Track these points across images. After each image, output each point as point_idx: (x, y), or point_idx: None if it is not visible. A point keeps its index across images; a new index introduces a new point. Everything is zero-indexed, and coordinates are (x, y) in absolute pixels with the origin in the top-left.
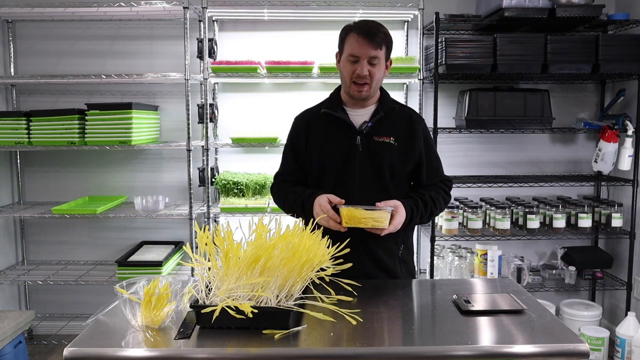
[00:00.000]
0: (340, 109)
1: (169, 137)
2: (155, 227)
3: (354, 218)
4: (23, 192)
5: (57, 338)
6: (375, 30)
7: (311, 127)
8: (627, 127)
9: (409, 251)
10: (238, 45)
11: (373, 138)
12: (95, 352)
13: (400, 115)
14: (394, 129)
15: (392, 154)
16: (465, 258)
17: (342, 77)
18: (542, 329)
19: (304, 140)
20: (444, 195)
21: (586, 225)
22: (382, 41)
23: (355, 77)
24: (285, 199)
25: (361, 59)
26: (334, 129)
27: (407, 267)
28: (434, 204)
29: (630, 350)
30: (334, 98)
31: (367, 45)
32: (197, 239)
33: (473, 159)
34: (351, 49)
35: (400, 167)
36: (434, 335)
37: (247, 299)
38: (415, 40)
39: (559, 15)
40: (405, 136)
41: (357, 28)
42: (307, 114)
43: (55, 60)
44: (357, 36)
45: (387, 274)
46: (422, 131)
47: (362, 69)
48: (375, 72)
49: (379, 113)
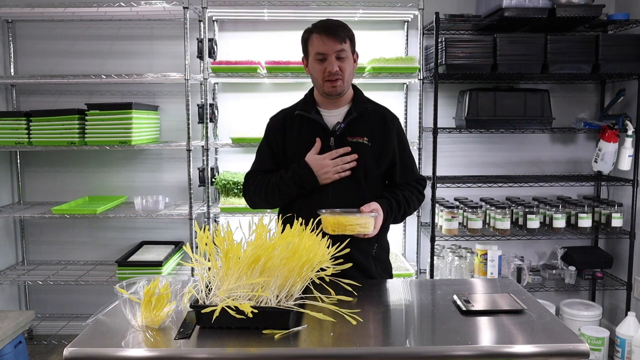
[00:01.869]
0: (314, 110)
1: (169, 137)
2: (155, 227)
3: (340, 225)
4: (23, 192)
5: (57, 338)
6: (335, 25)
7: (286, 128)
8: (627, 127)
9: (384, 249)
10: (238, 45)
11: (347, 138)
12: (95, 352)
13: (374, 115)
14: (367, 129)
15: (366, 154)
16: (465, 258)
17: (313, 79)
18: (542, 329)
19: (281, 140)
20: (417, 195)
21: (586, 225)
22: (345, 35)
23: (326, 75)
24: (263, 185)
25: (328, 55)
26: (307, 130)
27: (383, 265)
28: (407, 204)
29: (631, 350)
30: (307, 99)
31: (331, 41)
32: (197, 239)
33: (473, 159)
34: (316, 48)
35: (374, 167)
36: (434, 335)
37: (247, 299)
38: (415, 40)
39: (559, 15)
40: (378, 136)
41: (318, 27)
42: (281, 115)
43: (55, 60)
44: (320, 35)
45: (361, 273)
46: (395, 130)
47: (331, 66)
48: (345, 66)
49: (352, 113)
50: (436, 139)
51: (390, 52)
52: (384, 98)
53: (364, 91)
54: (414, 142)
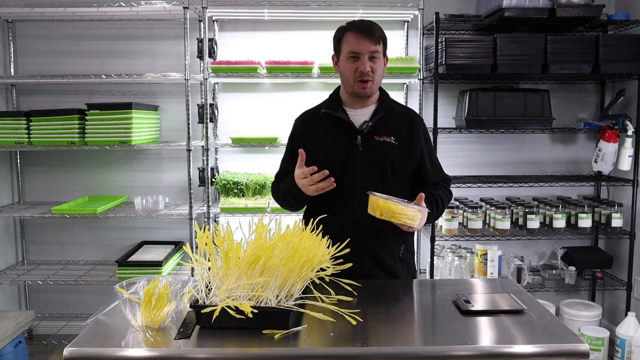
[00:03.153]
0: (340, 109)
1: (169, 137)
2: (155, 227)
3: (389, 211)
4: (23, 192)
5: (57, 338)
6: (371, 26)
7: (311, 128)
8: (627, 127)
9: (410, 252)
10: (238, 45)
11: (374, 137)
12: (95, 352)
13: (401, 116)
14: (394, 129)
15: (393, 153)
16: (465, 258)
17: (343, 78)
18: (542, 329)
19: (302, 142)
20: (448, 195)
21: (586, 225)
22: (379, 36)
23: (358, 74)
24: (278, 192)
25: (362, 55)
26: (334, 129)
27: (408, 267)
28: (442, 204)
29: (631, 350)
30: (333, 98)
31: (366, 41)
32: (197, 239)
33: (473, 159)
34: (351, 46)
35: (401, 166)
36: (434, 335)
37: (247, 299)
38: (415, 40)
39: (559, 15)
40: (405, 136)
41: (354, 26)
42: (306, 115)
43: (55, 60)
44: (356, 34)
45: (388, 274)
46: (422, 132)
47: (364, 66)
48: (376, 67)
49: (379, 113)
50: (436, 139)
51: (390, 52)
52: None
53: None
54: None
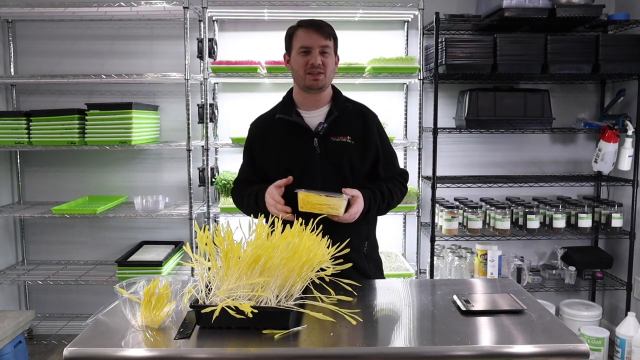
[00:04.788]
0: (295, 113)
1: (169, 137)
2: (155, 227)
3: (309, 203)
4: (23, 192)
5: (57, 338)
6: (322, 23)
7: (267, 134)
8: (627, 127)
9: (374, 247)
10: (238, 45)
11: (330, 138)
12: (95, 352)
13: (354, 113)
14: (349, 128)
15: (350, 152)
16: (465, 258)
17: (295, 73)
18: (542, 329)
19: (260, 147)
20: (400, 187)
21: (586, 225)
22: (330, 33)
23: (309, 67)
24: (242, 198)
25: (313, 49)
26: (290, 133)
27: (375, 262)
28: (391, 195)
29: (631, 350)
30: (286, 102)
31: (316, 35)
32: (197, 239)
33: (473, 159)
34: (301, 41)
35: (359, 164)
36: (434, 335)
37: (247, 299)
38: (415, 40)
39: (559, 15)
40: (360, 134)
41: (305, 23)
42: (261, 120)
43: (55, 60)
44: (306, 29)
45: (356, 271)
46: (376, 127)
47: (315, 59)
48: (327, 62)
49: (333, 113)
50: (436, 139)
51: (391, 52)
52: (384, 98)
53: (364, 91)
54: (414, 142)
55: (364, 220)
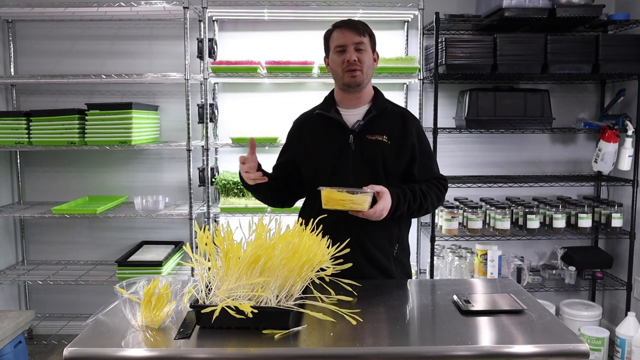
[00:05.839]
0: (334, 110)
1: (169, 137)
2: (155, 227)
3: (332, 200)
4: (23, 192)
5: (57, 338)
6: (356, 22)
7: (305, 129)
8: (627, 127)
9: (405, 251)
10: (238, 45)
11: (366, 136)
12: (95, 352)
13: (394, 114)
14: (386, 128)
15: (385, 151)
16: (465, 258)
17: (334, 73)
18: (542, 329)
19: (297, 143)
20: (436, 191)
21: (586, 225)
22: (364, 30)
23: (345, 65)
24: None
25: (347, 46)
26: (327, 129)
27: (403, 267)
28: (423, 196)
29: (631, 350)
30: (327, 100)
31: (350, 33)
32: (197, 239)
33: (473, 159)
34: (336, 41)
35: (393, 164)
36: (434, 335)
37: (247, 299)
38: (415, 40)
39: (559, 15)
40: (398, 134)
41: (338, 24)
42: (302, 117)
43: (55, 60)
44: (340, 29)
45: (382, 273)
46: (415, 129)
47: (350, 55)
48: (363, 58)
49: (371, 112)
50: (436, 139)
51: (390, 52)
52: None
53: None
54: None
55: (394, 222)
